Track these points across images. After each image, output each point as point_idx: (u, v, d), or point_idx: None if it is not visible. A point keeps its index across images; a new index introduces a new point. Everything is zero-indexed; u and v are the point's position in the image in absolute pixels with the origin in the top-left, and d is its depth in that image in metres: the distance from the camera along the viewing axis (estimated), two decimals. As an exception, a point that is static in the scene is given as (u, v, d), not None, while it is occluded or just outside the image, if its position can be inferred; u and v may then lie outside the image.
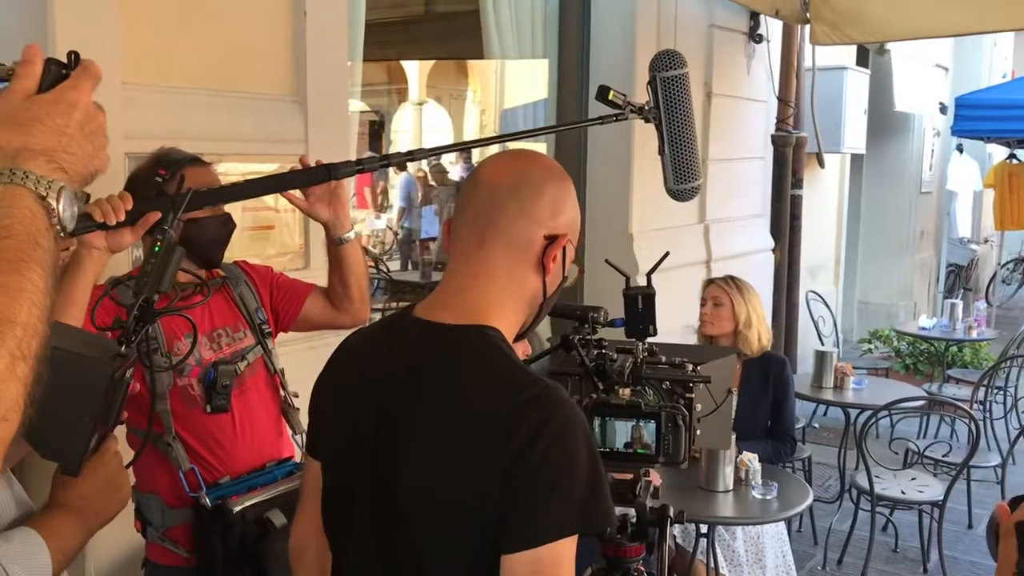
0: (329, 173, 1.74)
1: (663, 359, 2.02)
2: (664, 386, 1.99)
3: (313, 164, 1.84)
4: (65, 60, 1.02)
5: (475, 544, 1.23)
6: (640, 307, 1.99)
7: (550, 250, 1.34)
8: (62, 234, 0.93)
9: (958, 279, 10.31)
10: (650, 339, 2.02)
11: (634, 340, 2.01)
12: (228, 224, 2.17)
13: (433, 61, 14.37)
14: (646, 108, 2.02)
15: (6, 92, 0.97)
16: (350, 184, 3.15)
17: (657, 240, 4.79)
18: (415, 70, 15.80)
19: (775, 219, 6.08)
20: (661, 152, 2.02)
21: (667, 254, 1.99)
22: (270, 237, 3.03)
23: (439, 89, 16.90)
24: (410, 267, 11.00)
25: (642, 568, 1.93)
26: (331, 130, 3.13)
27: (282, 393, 2.27)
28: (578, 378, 1.95)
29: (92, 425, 1.21)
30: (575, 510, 1.19)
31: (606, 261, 2.05)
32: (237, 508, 2.00)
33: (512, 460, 1.19)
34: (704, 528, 3.14)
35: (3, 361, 0.81)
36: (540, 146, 5.00)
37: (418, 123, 16.55)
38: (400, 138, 16.30)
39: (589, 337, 1.93)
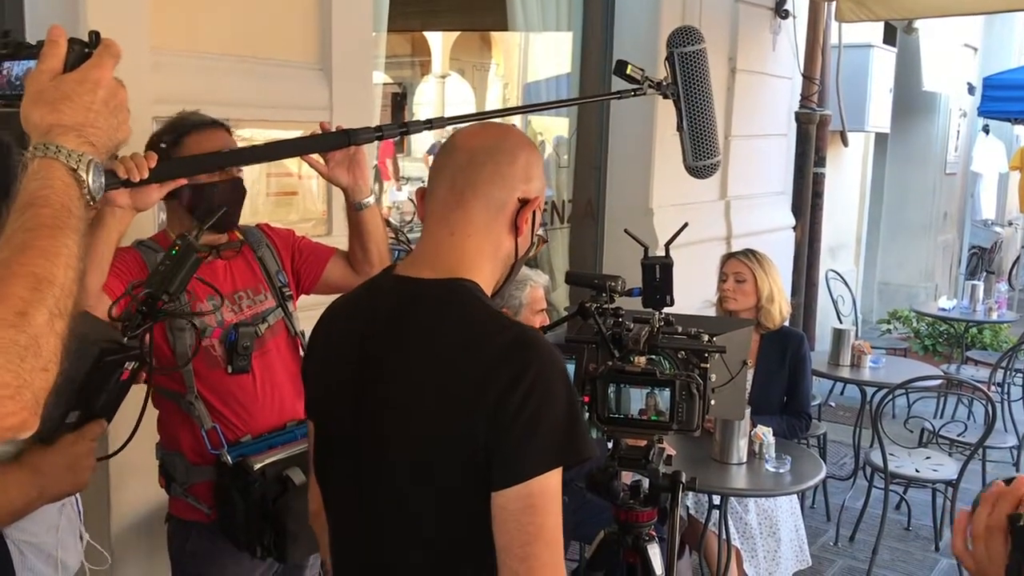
0: (348, 138, 1.78)
1: (678, 329, 2.05)
2: (679, 355, 2.01)
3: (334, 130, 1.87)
4: (87, 39, 1.09)
5: (458, 484, 1.29)
6: (658, 277, 2.02)
7: (523, 212, 1.42)
8: (91, 203, 1.01)
9: (981, 261, 10.22)
10: (667, 310, 2.05)
11: (651, 310, 2.05)
12: (239, 188, 2.19)
13: (457, 33, 14.31)
14: (664, 84, 2.03)
15: (34, 72, 1.05)
16: (371, 153, 3.18)
17: (678, 215, 4.78)
18: (439, 42, 15.73)
19: (797, 197, 6.06)
20: (680, 128, 2.03)
21: (686, 225, 2.01)
22: (293, 203, 3.06)
23: (462, 62, 16.82)
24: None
25: (653, 532, 1.97)
26: (355, 99, 3.15)
27: (303, 355, 2.31)
28: (594, 346, 1.99)
29: (67, 401, 1.25)
30: (559, 444, 1.27)
31: (625, 231, 2.08)
32: (258, 466, 2.03)
33: (496, 401, 1.25)
34: (717, 500, 3.17)
35: (43, 317, 0.89)
36: (563, 120, 5.01)
37: (441, 96, 16.50)
38: (423, 110, 16.24)
39: (606, 306, 1.96)
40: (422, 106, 16.61)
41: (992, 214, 10.30)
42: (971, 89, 9.20)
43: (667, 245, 2.02)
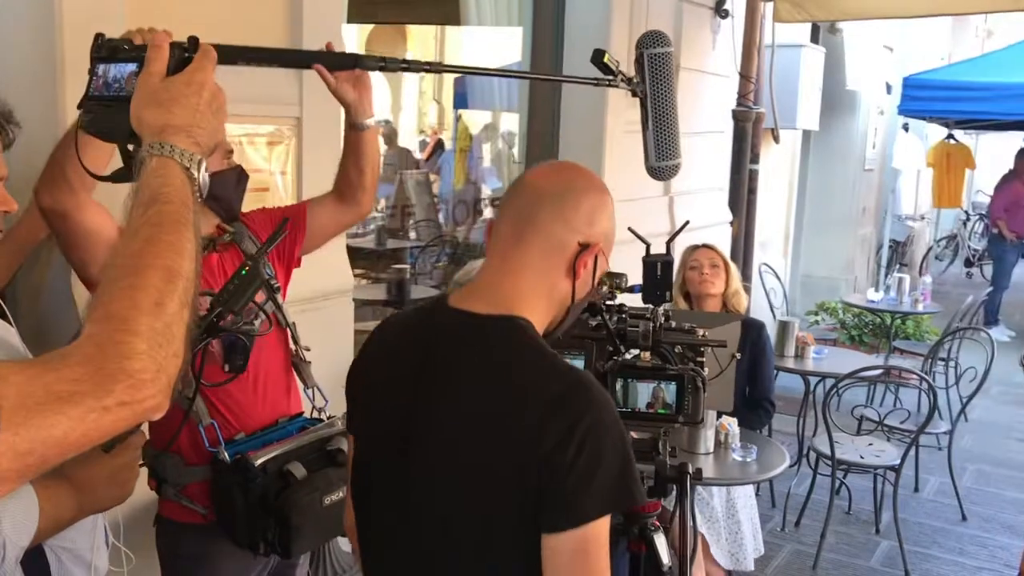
0: (356, 61, 1.79)
1: (672, 324, 2.11)
2: (676, 350, 2.08)
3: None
4: (185, 43, 1.16)
5: (505, 523, 1.31)
6: (659, 274, 2.07)
7: (583, 256, 1.41)
8: (200, 199, 1.06)
9: (895, 254, 10.64)
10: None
11: (650, 305, 2.10)
12: (243, 178, 2.18)
13: (372, 26, 14.25)
14: (634, 81, 2.08)
15: (144, 75, 1.11)
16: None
17: (625, 210, 4.81)
18: (354, 35, 15.60)
19: (733, 193, 6.22)
20: (644, 128, 2.08)
21: (687, 223, 2.07)
22: (265, 199, 3.02)
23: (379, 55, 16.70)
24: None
25: (658, 523, 2.03)
26: (326, 92, 3.11)
27: (293, 347, 2.29)
28: (599, 341, 2.03)
29: None
30: (611, 491, 1.29)
31: (629, 229, 2.12)
32: (259, 461, 2.02)
33: (552, 447, 1.27)
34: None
35: (175, 307, 0.93)
36: (513, 116, 5.04)
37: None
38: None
39: (610, 303, 2.01)
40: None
41: (911, 209, 10.72)
42: (889, 89, 9.55)
43: (668, 243, 2.07)
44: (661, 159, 2.08)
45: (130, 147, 1.13)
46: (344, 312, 3.31)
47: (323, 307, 3.05)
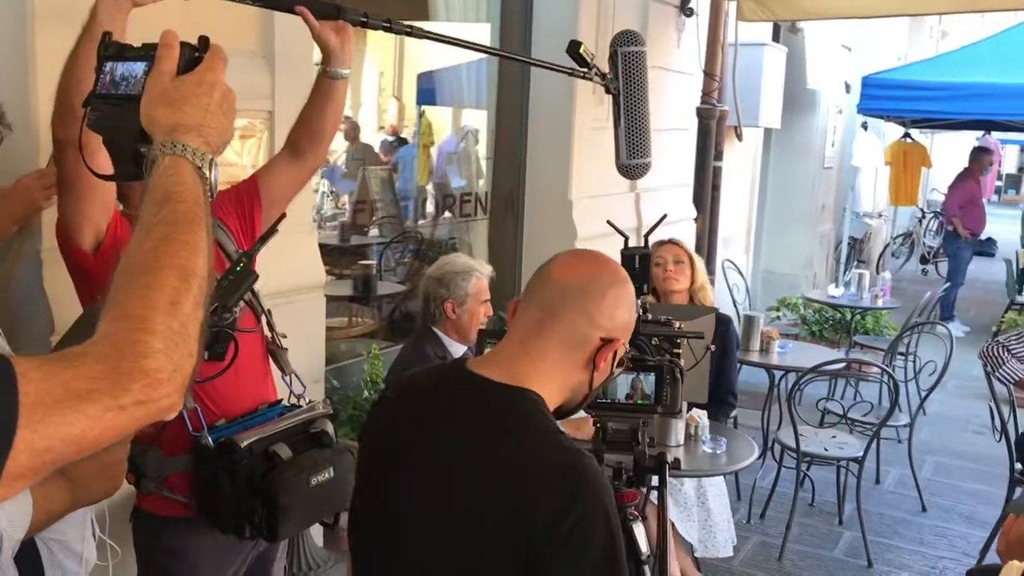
0: (338, 12, 1.83)
1: (650, 316, 2.13)
2: (653, 342, 2.10)
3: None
4: (196, 43, 1.15)
5: None
6: (637, 267, 2.09)
7: (603, 351, 1.45)
8: (211, 198, 1.06)
9: (853, 251, 10.80)
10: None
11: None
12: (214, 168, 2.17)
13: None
14: (608, 77, 2.11)
15: (155, 74, 1.10)
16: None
17: (593, 207, 4.90)
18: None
19: (697, 189, 6.28)
20: (616, 125, 2.11)
21: (665, 216, 2.10)
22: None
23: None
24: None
25: (636, 512, 2.05)
26: (297, 87, 3.09)
27: (269, 334, 2.28)
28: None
29: None
30: (597, 572, 1.32)
31: (608, 222, 2.14)
32: (244, 443, 2.01)
33: (545, 523, 1.30)
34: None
35: (190, 306, 0.94)
36: (482, 113, 5.05)
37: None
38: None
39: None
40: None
41: (869, 206, 10.90)
42: (848, 88, 9.70)
43: (646, 236, 2.10)
44: (632, 157, 2.11)
45: (139, 146, 1.13)
46: (316, 307, 3.31)
47: (295, 301, 3.04)
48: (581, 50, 2.03)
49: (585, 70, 2.06)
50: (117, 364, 0.86)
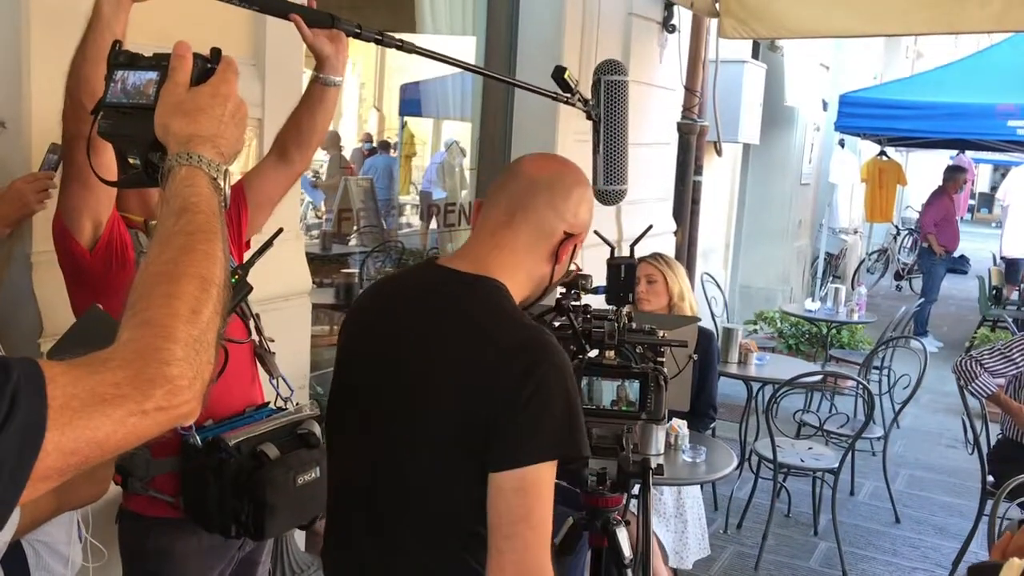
0: (332, 21, 1.87)
1: (633, 325, 2.18)
2: (637, 350, 2.14)
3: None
4: (208, 54, 1.17)
5: (457, 459, 1.44)
6: (622, 276, 2.13)
7: (566, 243, 1.57)
8: (225, 207, 1.09)
9: (829, 267, 10.92)
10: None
11: (613, 307, 2.17)
12: None
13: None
14: (590, 104, 2.16)
15: (170, 85, 1.12)
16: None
17: (575, 218, 4.95)
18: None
19: (678, 203, 6.35)
20: (595, 152, 2.16)
21: (650, 227, 2.14)
22: (225, 200, 3.04)
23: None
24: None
25: (620, 516, 2.09)
26: (287, 95, 3.13)
27: (257, 338, 2.30)
28: (564, 340, 2.09)
29: None
30: (556, 439, 1.41)
31: (595, 232, 2.17)
32: (232, 442, 2.03)
33: (507, 388, 1.39)
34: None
35: (209, 314, 0.97)
36: (466, 125, 5.09)
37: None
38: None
39: (576, 303, 2.07)
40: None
41: (846, 222, 11.03)
42: (825, 105, 9.83)
43: (632, 246, 2.14)
44: (609, 183, 2.17)
45: (150, 156, 1.14)
46: (302, 313, 3.33)
47: (282, 308, 3.06)
48: (566, 75, 2.09)
49: (568, 95, 2.11)
50: (141, 370, 0.88)
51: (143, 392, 0.88)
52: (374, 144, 12.33)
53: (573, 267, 1.75)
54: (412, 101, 8.76)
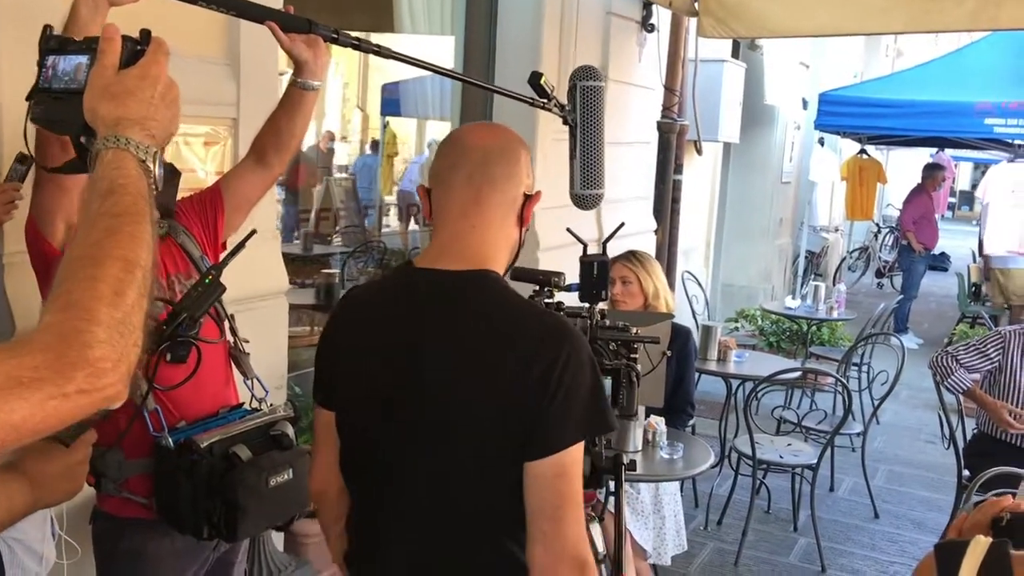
0: (310, 26, 1.86)
1: (607, 322, 2.19)
2: (611, 347, 2.16)
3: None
4: (136, 36, 1.14)
5: (498, 455, 1.45)
6: (595, 274, 2.14)
7: (527, 205, 1.60)
8: (156, 191, 1.07)
9: (810, 265, 10.99)
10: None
11: (586, 304, 2.18)
12: (174, 174, 2.17)
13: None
14: (566, 108, 2.17)
15: (98, 68, 1.10)
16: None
17: (554, 217, 4.93)
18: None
19: (658, 202, 6.37)
20: (572, 156, 2.18)
21: (622, 224, 2.15)
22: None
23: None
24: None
25: (593, 512, 2.11)
26: (262, 95, 3.13)
27: (231, 339, 2.30)
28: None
29: None
30: (589, 417, 1.46)
31: (567, 230, 2.19)
32: (204, 444, 2.02)
33: (539, 376, 1.41)
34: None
35: (134, 296, 0.95)
36: (446, 124, 5.10)
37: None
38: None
39: (549, 300, 2.08)
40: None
41: (826, 220, 11.09)
42: (805, 104, 9.88)
43: (604, 244, 2.15)
44: (585, 187, 2.17)
45: (82, 139, 1.13)
46: (279, 313, 3.33)
47: (258, 307, 3.06)
48: (542, 81, 2.09)
49: (544, 100, 2.12)
50: (63, 353, 0.88)
51: (63, 375, 0.87)
52: (333, 144, 12.30)
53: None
54: (392, 101, 8.76)
